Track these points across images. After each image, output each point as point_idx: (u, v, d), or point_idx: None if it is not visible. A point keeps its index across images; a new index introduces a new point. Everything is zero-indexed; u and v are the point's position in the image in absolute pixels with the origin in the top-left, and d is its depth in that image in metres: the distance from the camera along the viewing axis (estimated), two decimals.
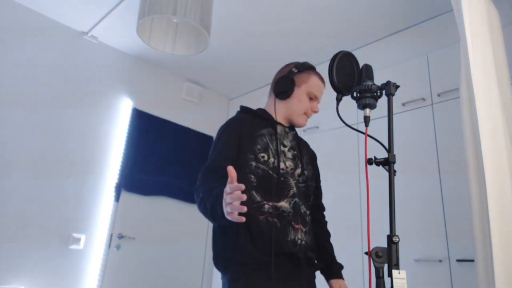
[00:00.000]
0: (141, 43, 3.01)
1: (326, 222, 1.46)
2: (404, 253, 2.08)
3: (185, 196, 3.42)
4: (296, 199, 1.23)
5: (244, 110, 1.38)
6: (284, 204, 1.20)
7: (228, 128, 1.28)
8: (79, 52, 3.03)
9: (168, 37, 2.14)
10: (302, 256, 1.18)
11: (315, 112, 1.38)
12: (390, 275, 0.82)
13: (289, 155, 1.29)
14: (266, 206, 1.17)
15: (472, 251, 1.34)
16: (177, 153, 3.45)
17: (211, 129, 3.82)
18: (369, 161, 0.95)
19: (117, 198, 3.01)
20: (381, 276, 0.84)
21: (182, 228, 3.37)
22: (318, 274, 1.30)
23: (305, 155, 1.36)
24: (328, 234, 1.43)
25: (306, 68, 1.35)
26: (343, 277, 1.32)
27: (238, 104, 3.99)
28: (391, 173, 0.93)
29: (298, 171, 1.29)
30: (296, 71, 1.33)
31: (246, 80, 3.67)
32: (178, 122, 3.55)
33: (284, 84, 1.32)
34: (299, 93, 1.33)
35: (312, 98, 1.35)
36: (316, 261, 1.28)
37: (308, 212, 1.28)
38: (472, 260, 1.79)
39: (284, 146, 1.30)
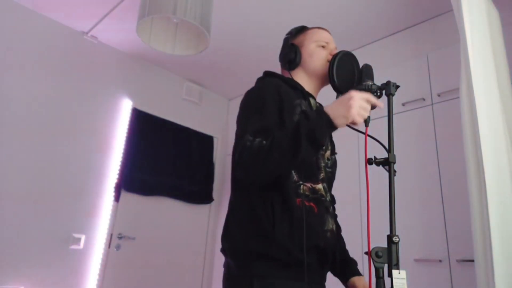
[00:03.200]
0: (141, 43, 3.00)
1: (336, 215, 1.42)
2: (404, 253, 2.08)
3: (185, 196, 3.42)
4: (325, 184, 1.10)
5: (272, 74, 1.22)
6: (321, 186, 1.06)
7: (268, 90, 1.06)
8: (79, 52, 3.03)
9: (168, 37, 2.14)
10: (330, 254, 1.04)
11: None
12: (390, 275, 0.82)
13: None
14: (303, 187, 1.02)
15: (472, 251, 1.33)
16: (177, 153, 3.45)
17: (211, 129, 3.82)
18: (369, 161, 0.95)
19: (117, 198, 3.01)
20: (381, 276, 0.84)
21: (182, 228, 3.37)
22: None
23: (331, 136, 1.22)
24: (340, 228, 1.31)
25: (299, 29, 1.26)
26: (361, 273, 1.19)
27: (238, 104, 3.99)
28: (391, 173, 0.93)
29: (328, 153, 1.15)
30: (289, 36, 1.25)
31: (246, 80, 3.67)
32: (178, 122, 3.54)
33: (287, 52, 1.21)
34: (306, 50, 1.20)
35: (324, 46, 1.20)
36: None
37: (332, 200, 1.17)
38: (472, 260, 1.79)
39: None
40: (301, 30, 1.25)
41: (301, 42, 1.22)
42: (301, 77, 1.20)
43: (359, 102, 0.91)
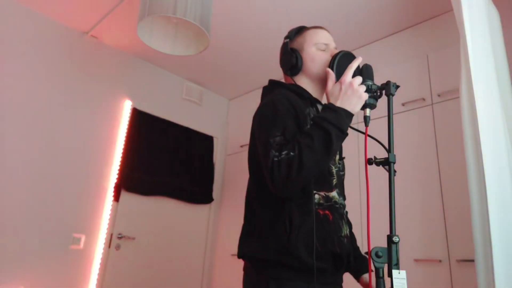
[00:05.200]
0: (141, 43, 3.00)
1: (347, 212, 1.42)
2: (404, 253, 2.08)
3: (185, 196, 3.42)
4: (337, 189, 1.11)
5: (280, 84, 1.21)
6: (335, 194, 1.08)
7: (282, 103, 1.06)
8: (79, 52, 3.03)
9: (168, 37, 2.14)
10: (345, 260, 1.06)
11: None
12: (390, 275, 0.82)
13: None
14: (317, 196, 1.03)
15: (472, 251, 1.33)
16: (177, 153, 3.45)
17: (211, 129, 3.82)
18: (369, 161, 0.95)
19: (117, 198, 3.01)
20: (381, 276, 0.84)
21: (182, 228, 3.37)
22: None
23: None
24: (350, 225, 1.31)
25: (296, 32, 1.23)
26: None
27: (238, 104, 3.99)
28: (391, 173, 0.93)
29: (338, 156, 1.17)
30: (288, 40, 1.21)
31: (246, 80, 3.67)
32: (178, 122, 3.54)
33: (287, 58, 1.18)
34: (307, 54, 1.18)
35: (324, 49, 1.18)
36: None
37: (344, 204, 1.17)
38: (472, 260, 1.79)
39: None
40: (299, 31, 1.24)
41: (301, 45, 1.20)
42: (305, 83, 1.19)
43: (358, 82, 1.00)
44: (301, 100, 1.12)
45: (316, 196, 1.03)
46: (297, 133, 1.01)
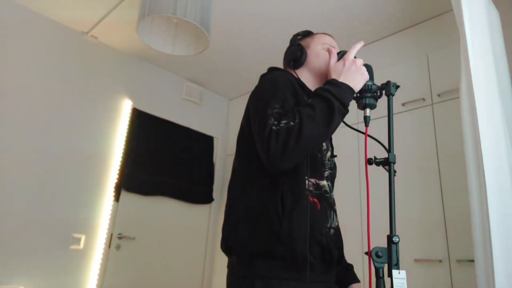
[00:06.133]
0: (141, 43, 3.00)
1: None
2: (404, 253, 2.08)
3: (185, 196, 3.42)
4: (329, 182, 1.09)
5: (280, 69, 1.22)
6: (325, 183, 1.06)
7: (282, 79, 1.06)
8: (79, 52, 3.03)
9: (168, 37, 2.14)
10: (335, 253, 1.02)
11: None
12: (390, 275, 0.82)
13: None
14: (308, 182, 1.00)
15: (472, 251, 1.33)
16: (177, 153, 3.45)
17: (211, 129, 3.82)
18: (369, 161, 0.95)
19: (117, 198, 3.01)
20: (381, 276, 0.84)
21: (182, 228, 3.37)
22: None
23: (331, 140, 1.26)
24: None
25: (306, 34, 1.29)
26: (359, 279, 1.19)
27: (238, 104, 3.99)
28: (391, 173, 0.93)
29: (329, 153, 1.17)
30: (299, 37, 1.27)
31: (246, 80, 3.67)
32: (178, 122, 3.55)
33: (293, 51, 1.22)
34: (313, 50, 1.21)
35: (329, 49, 1.20)
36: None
37: (334, 200, 1.15)
38: (472, 260, 1.79)
39: None
40: (308, 34, 1.29)
41: (308, 44, 1.24)
42: (305, 77, 1.20)
43: (359, 62, 1.02)
44: (301, 89, 1.12)
45: (307, 182, 0.99)
46: (295, 106, 0.98)
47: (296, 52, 1.20)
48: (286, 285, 0.92)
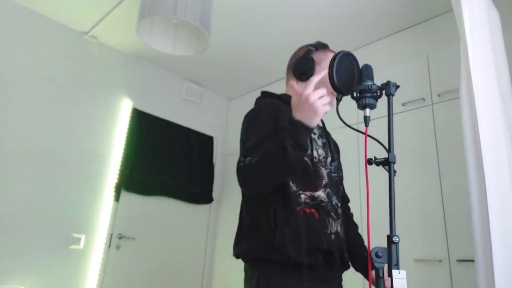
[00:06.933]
0: (141, 43, 3.00)
1: (352, 214, 1.44)
2: (404, 253, 2.08)
3: (185, 196, 3.42)
4: (328, 189, 1.17)
5: (269, 95, 1.31)
6: (321, 193, 1.15)
7: (260, 113, 1.17)
8: (79, 52, 3.03)
9: (168, 37, 2.14)
10: (337, 256, 1.12)
11: None
12: (390, 275, 0.82)
13: (319, 143, 1.24)
14: (303, 196, 1.11)
15: (472, 251, 1.33)
16: (177, 153, 3.45)
17: (211, 129, 3.82)
18: (369, 161, 0.95)
19: (117, 198, 3.01)
20: (381, 276, 0.84)
21: (182, 228, 3.37)
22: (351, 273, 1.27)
23: (331, 142, 1.33)
24: (356, 226, 1.40)
25: (322, 46, 1.32)
26: None
27: (238, 104, 3.99)
28: (391, 173, 0.93)
29: (329, 159, 1.24)
30: (314, 49, 1.28)
31: (246, 80, 3.67)
32: (178, 122, 3.54)
33: (304, 64, 1.25)
34: (321, 71, 1.22)
35: None
36: (349, 263, 1.23)
37: (339, 204, 1.23)
38: (472, 260, 1.79)
39: (314, 133, 1.24)
40: (323, 47, 1.32)
41: (320, 60, 1.27)
42: None
43: (316, 97, 0.99)
44: (288, 107, 1.14)
45: (302, 196, 1.11)
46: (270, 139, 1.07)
47: (306, 67, 1.24)
48: (285, 282, 1.04)
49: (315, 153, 1.18)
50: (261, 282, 1.05)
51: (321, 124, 1.36)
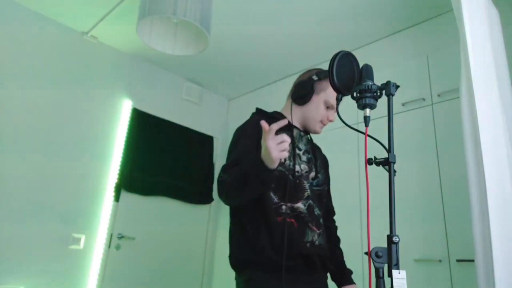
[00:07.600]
0: (141, 43, 3.00)
1: (336, 228, 1.49)
2: (404, 253, 2.08)
3: (185, 196, 3.42)
4: (310, 201, 1.26)
5: (260, 112, 1.40)
6: (300, 205, 1.24)
7: (246, 130, 1.30)
8: (79, 52, 3.03)
9: (168, 37, 2.14)
10: (317, 259, 1.21)
11: (331, 121, 1.39)
12: (390, 275, 0.82)
13: (304, 158, 1.32)
14: (284, 207, 1.20)
15: (472, 251, 1.33)
16: (177, 153, 3.45)
17: (211, 129, 3.82)
18: (369, 161, 0.95)
19: (117, 198, 3.01)
20: (381, 276, 0.84)
21: (182, 228, 3.37)
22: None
23: (318, 159, 1.40)
24: (338, 240, 1.46)
25: (326, 76, 1.36)
26: (354, 282, 1.36)
27: (238, 104, 3.99)
28: (391, 173, 0.92)
29: (312, 174, 1.32)
30: (316, 78, 1.35)
31: (246, 80, 3.67)
32: (178, 122, 3.54)
33: (303, 89, 1.34)
34: (317, 100, 1.35)
35: (329, 107, 1.36)
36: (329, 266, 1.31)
37: (321, 214, 1.31)
38: (472, 260, 1.79)
39: (299, 149, 1.32)
40: (326, 78, 1.36)
41: (319, 91, 1.36)
42: (298, 114, 1.38)
43: (273, 145, 1.04)
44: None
45: (283, 207, 1.20)
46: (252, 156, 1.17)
47: (303, 94, 1.34)
48: (266, 282, 1.14)
49: (297, 168, 1.26)
50: (245, 284, 1.18)
51: (309, 137, 1.44)
